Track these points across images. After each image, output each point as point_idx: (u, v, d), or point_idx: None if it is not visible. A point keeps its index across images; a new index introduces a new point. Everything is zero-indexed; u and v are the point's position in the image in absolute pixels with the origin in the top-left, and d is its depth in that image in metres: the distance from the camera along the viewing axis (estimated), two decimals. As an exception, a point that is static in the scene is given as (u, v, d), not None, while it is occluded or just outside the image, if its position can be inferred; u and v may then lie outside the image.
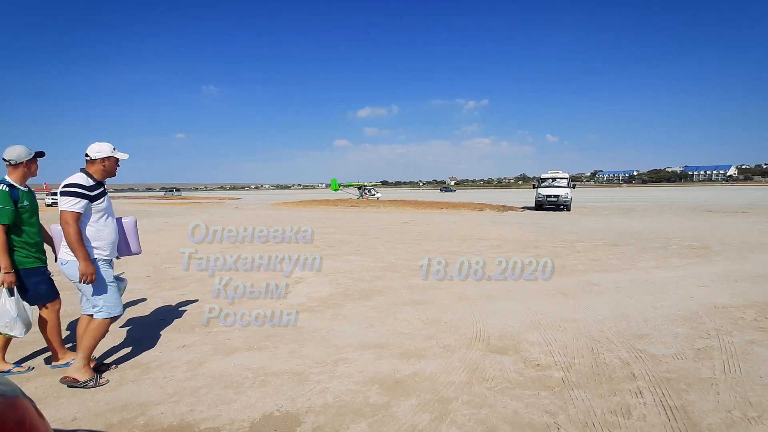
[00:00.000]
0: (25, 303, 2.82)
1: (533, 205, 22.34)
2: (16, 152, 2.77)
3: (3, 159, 2.79)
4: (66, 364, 2.95)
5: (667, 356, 3.10)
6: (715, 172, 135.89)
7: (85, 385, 2.66)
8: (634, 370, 2.86)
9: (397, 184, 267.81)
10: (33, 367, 3.02)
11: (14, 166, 2.79)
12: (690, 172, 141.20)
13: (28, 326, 2.82)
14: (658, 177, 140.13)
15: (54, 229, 2.86)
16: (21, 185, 2.83)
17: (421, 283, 5.57)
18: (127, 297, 4.93)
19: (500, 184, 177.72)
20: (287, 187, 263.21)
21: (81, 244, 2.56)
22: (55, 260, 2.78)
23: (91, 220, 2.68)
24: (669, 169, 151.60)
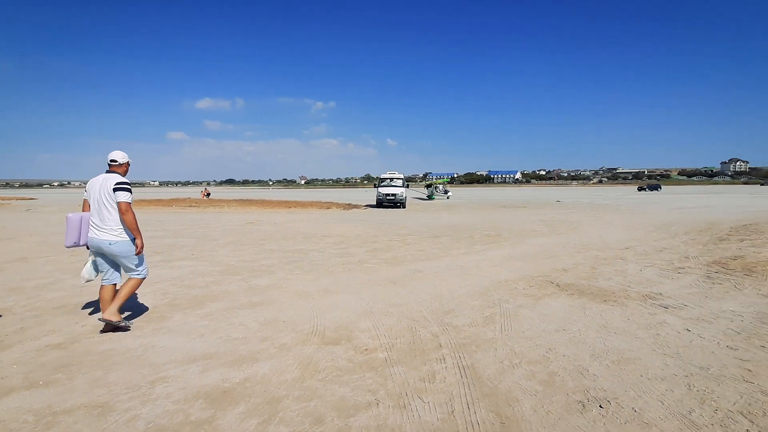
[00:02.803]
0: None
1: (375, 203, 24.13)
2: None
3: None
4: None
5: (465, 325, 3.83)
6: (508, 176, 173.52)
7: (120, 324, 3.60)
8: (441, 341, 3.44)
9: (245, 182, 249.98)
10: None
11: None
12: (492, 176, 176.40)
13: None
14: (471, 179, 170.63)
15: (70, 218, 3.53)
16: None
17: (261, 284, 5.40)
18: None
19: (348, 183, 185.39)
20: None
21: (138, 226, 3.59)
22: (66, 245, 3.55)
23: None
24: (478, 173, 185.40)
